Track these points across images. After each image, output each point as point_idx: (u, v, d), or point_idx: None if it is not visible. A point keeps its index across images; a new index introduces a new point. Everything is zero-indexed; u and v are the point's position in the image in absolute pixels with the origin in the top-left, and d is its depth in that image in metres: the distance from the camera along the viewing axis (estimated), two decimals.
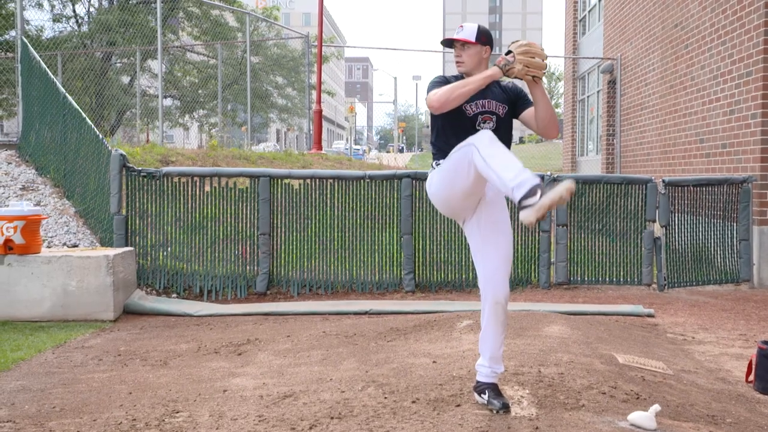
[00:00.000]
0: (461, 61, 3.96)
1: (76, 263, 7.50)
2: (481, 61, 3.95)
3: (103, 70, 22.60)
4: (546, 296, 8.97)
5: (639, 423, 3.77)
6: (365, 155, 51.68)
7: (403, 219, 9.21)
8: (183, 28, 26.70)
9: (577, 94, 22.95)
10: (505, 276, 3.97)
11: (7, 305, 7.42)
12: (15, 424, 4.23)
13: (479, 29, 3.96)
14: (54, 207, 10.19)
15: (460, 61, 3.97)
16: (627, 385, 4.55)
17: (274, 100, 29.71)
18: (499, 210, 4.04)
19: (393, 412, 4.14)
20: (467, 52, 3.95)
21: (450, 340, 5.86)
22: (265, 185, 9.04)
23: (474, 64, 3.94)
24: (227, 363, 5.66)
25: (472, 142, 3.75)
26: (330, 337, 6.36)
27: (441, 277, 9.33)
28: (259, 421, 4.13)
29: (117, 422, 4.20)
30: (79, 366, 5.73)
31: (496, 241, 3.99)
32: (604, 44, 19.37)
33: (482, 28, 3.97)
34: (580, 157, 22.53)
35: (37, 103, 11.52)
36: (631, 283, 9.55)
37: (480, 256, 4.01)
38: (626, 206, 9.62)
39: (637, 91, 16.38)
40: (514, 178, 3.58)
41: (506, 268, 3.98)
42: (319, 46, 19.53)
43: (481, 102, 3.93)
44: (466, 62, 3.95)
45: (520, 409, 4.04)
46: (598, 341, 5.91)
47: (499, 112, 3.98)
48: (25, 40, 11.94)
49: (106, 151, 9.14)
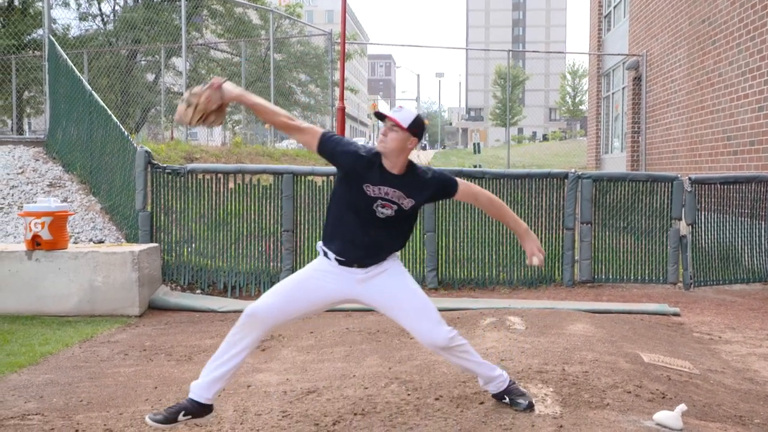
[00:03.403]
0: (384, 140, 3.70)
1: (102, 259, 7.57)
2: (404, 150, 3.71)
3: (128, 68, 22.78)
4: (570, 294, 8.92)
5: (665, 423, 3.73)
6: None
7: (426, 216, 9.20)
8: (207, 26, 26.85)
9: (602, 91, 22.77)
10: (429, 330, 3.79)
11: (35, 300, 7.51)
12: (43, 417, 4.28)
13: (415, 118, 3.71)
14: (80, 203, 10.29)
15: (384, 140, 3.71)
16: (652, 385, 4.52)
17: (297, 97, 29.78)
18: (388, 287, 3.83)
19: (416, 409, 4.14)
20: (393, 134, 3.68)
21: (473, 337, 5.84)
22: (288, 182, 9.07)
23: (396, 148, 3.68)
24: (251, 359, 5.68)
25: None
26: (353, 333, 6.37)
27: (464, 275, 9.30)
28: (282, 416, 4.15)
29: (143, 416, 4.23)
30: (105, 360, 5.79)
31: (400, 311, 3.84)
32: (630, 40, 19.20)
33: (419, 119, 3.73)
34: (604, 155, 22.36)
35: (63, 100, 11.64)
36: (656, 282, 9.47)
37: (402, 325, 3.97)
38: (652, 204, 9.54)
39: (662, 88, 16.23)
40: None
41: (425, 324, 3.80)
42: (342, 43, 19.54)
43: (385, 189, 3.74)
44: (389, 144, 3.69)
45: (544, 407, 4.02)
46: (623, 340, 5.86)
47: (403, 205, 3.78)
48: (52, 39, 12.06)
49: (132, 148, 9.21)
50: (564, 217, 9.41)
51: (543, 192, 9.45)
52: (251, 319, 3.72)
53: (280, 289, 3.80)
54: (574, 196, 9.39)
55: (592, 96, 23.82)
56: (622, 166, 18.84)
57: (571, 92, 76.49)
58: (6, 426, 4.14)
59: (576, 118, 76.02)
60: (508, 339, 5.65)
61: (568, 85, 76.76)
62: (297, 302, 3.77)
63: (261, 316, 3.72)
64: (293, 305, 3.77)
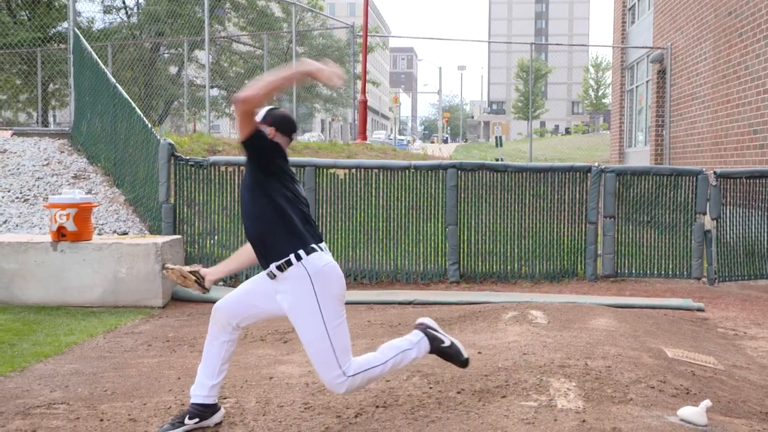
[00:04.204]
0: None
1: (125, 250, 7.63)
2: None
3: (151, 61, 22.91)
4: (592, 288, 8.88)
5: (689, 418, 3.70)
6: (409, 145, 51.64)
7: (448, 209, 9.19)
8: (229, 19, 26.95)
9: (626, 84, 22.59)
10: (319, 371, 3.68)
11: (60, 291, 7.59)
12: (69, 406, 4.33)
13: (264, 114, 3.76)
14: (104, 195, 10.37)
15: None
16: (676, 380, 4.48)
17: (319, 90, 29.84)
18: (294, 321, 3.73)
19: (438, 402, 4.14)
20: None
21: (495, 331, 5.83)
22: (310, 175, 9.08)
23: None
24: (273, 350, 5.71)
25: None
26: (375, 326, 6.38)
27: (486, 268, 9.28)
28: (305, 408, 4.17)
29: (166, 406, 4.27)
30: (129, 351, 5.84)
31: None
32: (654, 33, 19.03)
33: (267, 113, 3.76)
34: (627, 149, 22.20)
35: (88, 93, 11.73)
36: (680, 277, 9.39)
37: None
38: (676, 198, 9.46)
39: (687, 81, 16.07)
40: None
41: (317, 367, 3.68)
42: (365, 36, 19.53)
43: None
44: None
45: (567, 401, 4.00)
46: (646, 335, 5.83)
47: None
48: (77, 32, 12.16)
49: (155, 141, 9.27)
50: (587, 211, 9.35)
51: (566, 186, 9.39)
52: (215, 313, 3.89)
53: (241, 287, 3.89)
54: (597, 190, 9.33)
55: (616, 89, 23.64)
56: (646, 160, 18.70)
57: (594, 85, 75.99)
58: (32, 415, 4.20)
59: (599, 112, 75.53)
60: (530, 333, 5.63)
61: (591, 78, 76.26)
62: (249, 304, 3.82)
63: (222, 311, 3.86)
64: (245, 306, 3.83)
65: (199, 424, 3.87)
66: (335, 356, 3.60)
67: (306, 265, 3.59)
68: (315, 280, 3.58)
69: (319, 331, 3.59)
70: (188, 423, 3.85)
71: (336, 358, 3.60)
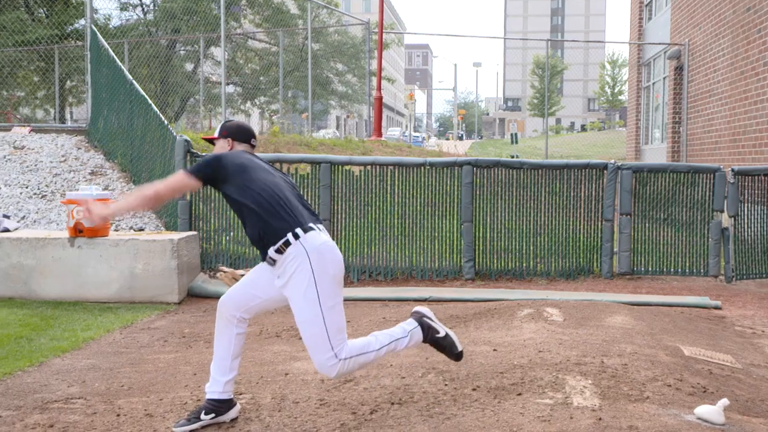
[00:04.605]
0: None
1: (142, 246, 7.67)
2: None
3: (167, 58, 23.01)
4: (608, 286, 8.83)
5: (706, 417, 3.68)
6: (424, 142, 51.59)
7: (463, 206, 9.17)
8: (245, 16, 27.01)
9: (642, 81, 22.45)
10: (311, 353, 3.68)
11: (77, 287, 7.64)
12: (86, 401, 4.36)
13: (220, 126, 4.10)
14: (121, 191, 10.43)
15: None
16: (693, 378, 4.46)
17: (335, 87, 29.85)
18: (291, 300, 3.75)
19: (453, 399, 4.14)
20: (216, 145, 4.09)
21: (510, 328, 5.82)
22: (326, 171, 9.09)
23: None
24: (289, 347, 5.73)
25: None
26: (390, 323, 6.38)
27: (501, 265, 9.26)
28: (320, 404, 4.18)
29: (182, 402, 4.29)
30: (145, 346, 5.87)
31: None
32: (671, 29, 18.89)
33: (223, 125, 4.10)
34: (644, 146, 22.07)
35: (105, 89, 11.80)
36: (697, 275, 9.33)
37: None
38: (693, 196, 9.40)
39: (705, 78, 15.95)
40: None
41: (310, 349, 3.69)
42: (380, 32, 19.52)
43: None
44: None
45: (583, 399, 3.99)
46: (663, 333, 5.79)
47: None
48: (94, 29, 12.22)
49: (171, 137, 9.31)
50: (603, 208, 9.31)
51: (582, 183, 9.35)
52: (220, 308, 3.95)
53: (243, 279, 3.94)
54: (613, 187, 9.28)
55: (632, 86, 23.50)
56: (663, 157, 18.58)
57: (611, 82, 75.58)
58: (50, 409, 4.23)
59: (615, 109, 75.16)
60: (546, 330, 5.61)
61: (608, 74, 75.86)
62: (251, 295, 3.86)
63: (226, 305, 3.92)
64: (248, 297, 3.87)
65: (215, 419, 3.89)
66: (328, 338, 3.63)
67: (303, 244, 3.64)
68: (312, 258, 3.63)
69: (314, 311, 3.61)
70: (204, 419, 3.87)
71: (329, 339, 3.63)
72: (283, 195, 3.76)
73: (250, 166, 3.82)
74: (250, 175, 3.78)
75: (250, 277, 3.91)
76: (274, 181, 3.81)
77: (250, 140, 4.09)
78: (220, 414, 3.90)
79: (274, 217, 3.67)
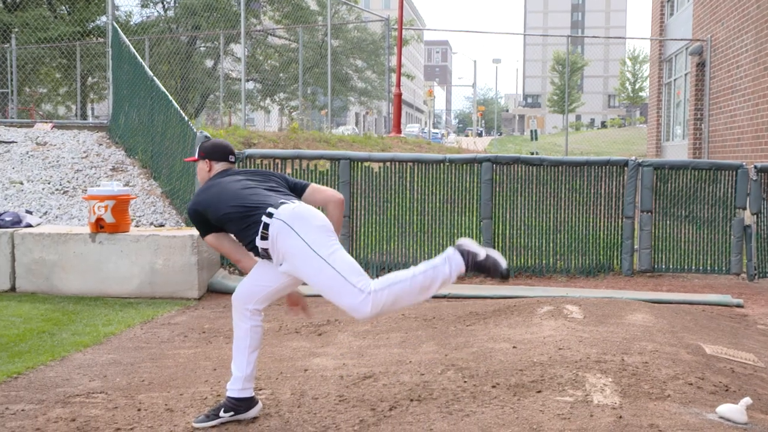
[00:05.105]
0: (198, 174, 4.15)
1: (162, 242, 7.71)
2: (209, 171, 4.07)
3: (187, 54, 23.11)
4: (628, 284, 8.78)
5: (729, 416, 3.65)
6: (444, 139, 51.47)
7: (482, 203, 9.14)
8: (265, 12, 27.07)
9: (663, 77, 22.27)
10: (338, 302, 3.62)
11: (99, 282, 7.69)
12: (107, 396, 4.40)
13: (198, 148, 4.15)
14: (142, 187, 10.50)
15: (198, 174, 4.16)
16: (715, 377, 4.42)
17: (354, 83, 29.84)
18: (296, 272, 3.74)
19: (473, 396, 4.13)
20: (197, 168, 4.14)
21: (530, 325, 5.79)
22: (345, 168, 9.09)
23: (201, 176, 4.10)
24: (308, 343, 5.74)
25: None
26: (409, 319, 6.38)
27: (521, 262, 9.22)
28: (339, 400, 4.18)
29: (202, 397, 4.32)
30: (166, 342, 5.91)
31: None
32: (693, 25, 18.72)
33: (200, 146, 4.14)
34: (665, 142, 21.91)
35: (126, 86, 11.87)
36: (718, 272, 9.25)
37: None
38: (715, 193, 9.31)
39: (728, 74, 15.80)
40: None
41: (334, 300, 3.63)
42: (400, 29, 19.49)
43: None
44: (199, 175, 4.13)
45: (603, 397, 3.96)
46: (684, 331, 5.75)
47: None
48: (115, 25, 12.31)
49: (191, 133, 9.35)
50: (623, 205, 9.25)
51: (602, 180, 9.29)
52: (233, 302, 3.96)
53: (251, 274, 3.95)
54: (634, 184, 9.22)
55: (653, 82, 23.32)
56: (684, 154, 18.43)
57: (631, 78, 75.04)
58: (72, 403, 4.27)
59: (636, 105, 74.61)
60: (566, 328, 5.58)
61: (628, 71, 75.30)
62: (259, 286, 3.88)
63: (237, 299, 3.93)
64: (257, 288, 3.88)
65: (235, 417, 3.90)
66: (343, 277, 3.53)
67: (279, 217, 3.65)
68: (292, 223, 3.62)
69: (316, 264, 3.56)
70: (223, 416, 3.88)
71: (344, 278, 3.53)
72: (248, 192, 3.80)
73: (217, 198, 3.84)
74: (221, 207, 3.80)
75: (256, 269, 3.92)
76: (237, 187, 3.84)
77: (227, 157, 4.11)
78: (239, 412, 3.90)
79: (248, 217, 3.72)
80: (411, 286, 3.54)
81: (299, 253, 3.60)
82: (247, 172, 4.04)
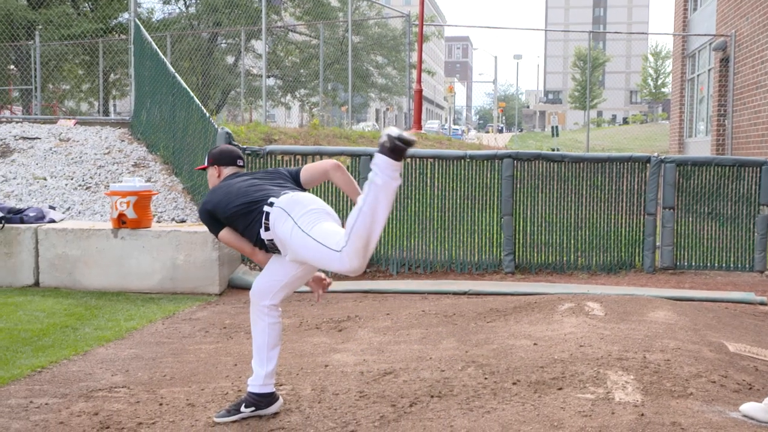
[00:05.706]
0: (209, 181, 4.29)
1: (184, 238, 7.76)
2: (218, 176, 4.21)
3: (209, 51, 23.22)
4: (650, 281, 8.72)
5: (752, 414, 3.61)
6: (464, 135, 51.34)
7: (503, 199, 9.11)
8: (286, 9, 27.12)
9: (686, 73, 22.06)
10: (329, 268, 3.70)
11: (121, 277, 7.75)
12: (129, 390, 4.43)
13: (207, 156, 4.29)
14: (163, 183, 10.56)
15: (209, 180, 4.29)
16: (738, 375, 4.38)
17: (375, 79, 29.83)
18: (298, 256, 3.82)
19: (493, 393, 4.12)
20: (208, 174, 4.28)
21: (551, 322, 5.77)
22: (365, 164, 9.09)
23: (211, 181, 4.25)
24: (328, 339, 5.75)
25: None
26: (429, 316, 6.37)
27: (542, 259, 9.19)
28: (360, 396, 4.19)
29: (223, 392, 4.34)
30: (187, 337, 5.94)
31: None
32: (717, 20, 18.53)
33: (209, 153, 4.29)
34: (688, 139, 21.71)
35: (148, 82, 11.94)
36: (741, 270, 9.16)
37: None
38: (738, 189, 9.22)
39: (752, 69, 15.62)
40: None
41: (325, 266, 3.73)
42: (420, 25, 19.46)
43: None
44: (210, 180, 4.27)
45: (625, 394, 3.94)
46: (707, 328, 5.70)
47: None
48: (137, 22, 12.38)
49: (213, 130, 9.38)
50: (645, 202, 9.18)
51: (624, 176, 9.23)
52: (251, 299, 4.01)
53: (264, 272, 4.00)
54: (656, 180, 9.15)
55: (676, 78, 23.11)
56: (707, 150, 18.26)
57: (653, 74, 74.44)
58: (95, 397, 4.30)
59: (658, 101, 74.00)
60: (587, 325, 5.56)
61: (650, 67, 74.72)
62: (274, 280, 3.94)
63: (254, 295, 3.98)
64: (272, 283, 3.94)
65: (256, 412, 3.92)
66: (323, 245, 3.59)
67: (278, 205, 3.73)
68: (289, 209, 3.71)
69: (303, 240, 3.65)
70: (244, 411, 3.91)
71: (324, 246, 3.59)
72: (253, 189, 3.88)
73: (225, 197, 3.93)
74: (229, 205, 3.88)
75: (270, 267, 3.97)
76: (244, 186, 3.93)
77: (235, 162, 4.21)
78: (260, 408, 3.93)
79: (253, 211, 3.80)
80: (366, 217, 3.44)
81: (292, 235, 3.69)
82: (255, 173, 4.13)
